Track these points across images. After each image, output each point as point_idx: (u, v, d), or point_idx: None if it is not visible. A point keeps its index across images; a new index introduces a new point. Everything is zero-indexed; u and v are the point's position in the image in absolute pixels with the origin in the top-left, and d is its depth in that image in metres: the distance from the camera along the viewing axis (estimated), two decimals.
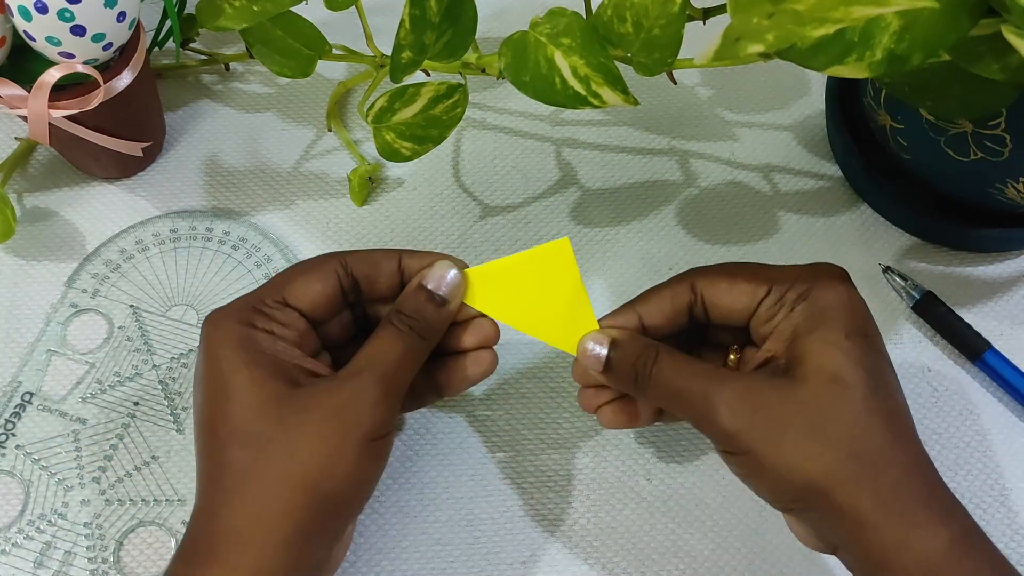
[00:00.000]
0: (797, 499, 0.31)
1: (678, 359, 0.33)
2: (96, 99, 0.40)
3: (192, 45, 0.49)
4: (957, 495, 0.40)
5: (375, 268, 0.35)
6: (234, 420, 0.31)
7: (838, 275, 0.33)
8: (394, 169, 0.48)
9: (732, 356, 0.36)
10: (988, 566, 0.30)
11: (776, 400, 0.30)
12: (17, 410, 0.41)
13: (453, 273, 0.34)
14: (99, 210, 0.46)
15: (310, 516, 0.30)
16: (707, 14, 0.36)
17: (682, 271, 0.35)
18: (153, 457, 0.41)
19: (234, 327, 0.32)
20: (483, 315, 0.36)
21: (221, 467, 0.31)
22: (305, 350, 0.34)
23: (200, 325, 0.43)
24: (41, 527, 0.39)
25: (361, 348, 0.33)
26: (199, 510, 0.32)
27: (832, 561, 0.39)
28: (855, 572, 0.31)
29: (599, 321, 0.35)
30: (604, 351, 0.34)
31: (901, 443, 0.30)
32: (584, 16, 0.36)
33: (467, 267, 0.35)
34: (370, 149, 0.48)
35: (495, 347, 0.36)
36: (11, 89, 0.39)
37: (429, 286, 0.34)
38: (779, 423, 0.30)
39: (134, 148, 0.44)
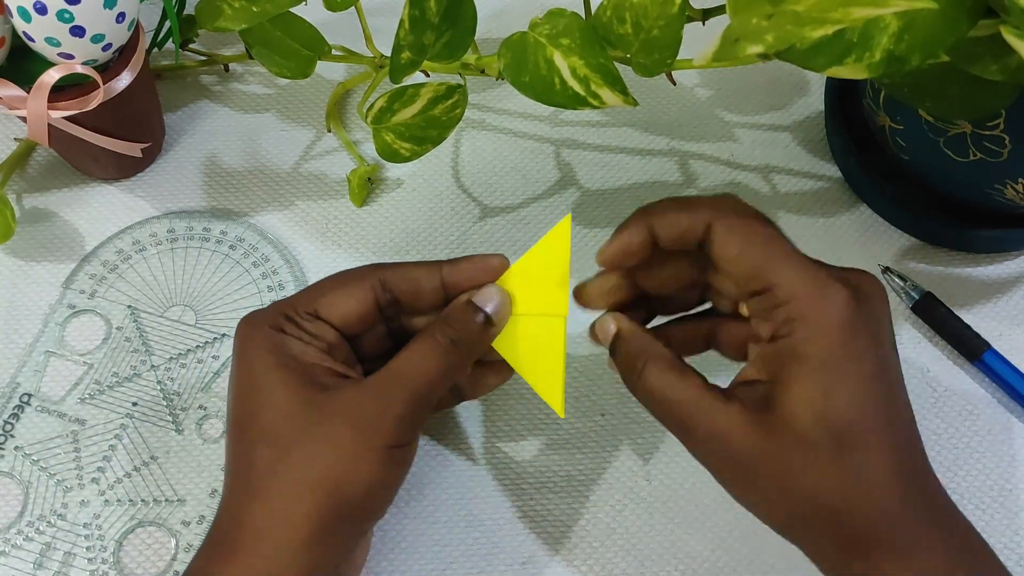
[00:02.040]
0: (777, 531, 0.32)
1: (664, 375, 0.32)
2: (95, 100, 0.40)
3: (191, 46, 0.49)
4: (957, 495, 0.40)
5: (416, 286, 0.35)
6: (262, 421, 0.32)
7: (834, 319, 0.30)
8: (393, 170, 0.48)
9: (743, 312, 0.34)
10: None
11: (747, 446, 0.30)
12: (16, 411, 0.41)
13: (504, 297, 0.34)
14: (98, 211, 0.46)
15: (329, 519, 0.31)
16: (706, 15, 0.36)
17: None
18: (152, 457, 0.41)
19: (266, 331, 0.33)
20: None
21: (248, 465, 0.31)
22: (336, 357, 0.34)
23: (197, 324, 0.44)
24: (40, 528, 0.39)
25: (397, 355, 0.33)
26: (224, 506, 0.32)
27: None
28: None
29: (615, 240, 0.33)
30: (611, 335, 0.34)
31: (877, 492, 0.30)
32: (583, 17, 0.36)
33: (508, 265, 0.35)
34: (369, 150, 0.48)
35: None
36: (10, 90, 0.39)
37: (479, 304, 0.34)
38: (748, 469, 0.31)
39: (133, 149, 0.44)
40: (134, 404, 0.42)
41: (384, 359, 0.34)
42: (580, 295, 0.36)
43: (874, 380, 0.30)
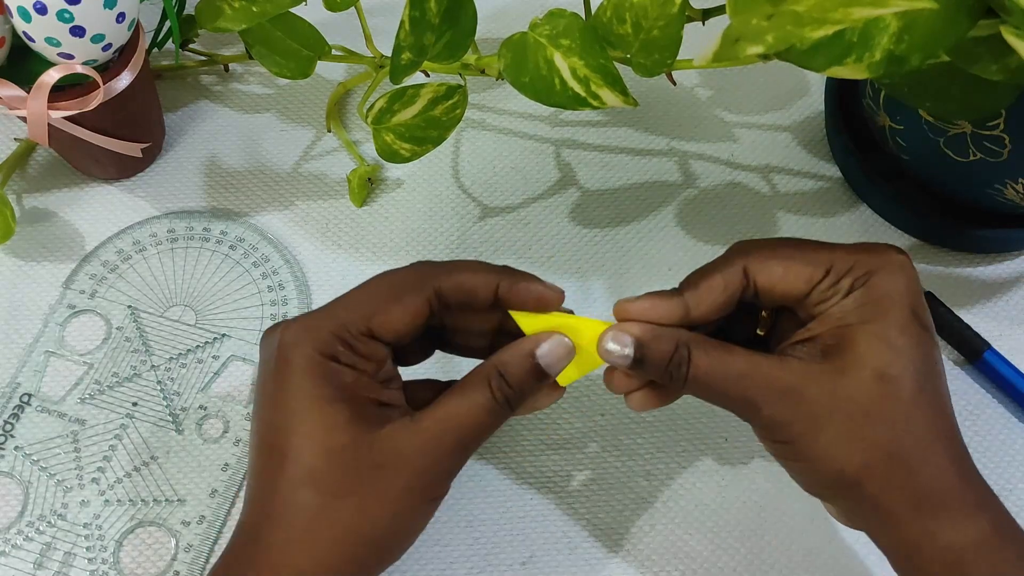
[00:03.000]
0: (829, 489, 0.31)
1: (712, 356, 0.31)
2: (95, 100, 0.40)
3: (191, 46, 0.49)
4: None
5: (471, 297, 0.33)
6: (307, 460, 0.30)
7: (899, 262, 0.32)
8: (393, 170, 0.48)
9: (764, 316, 0.35)
10: (1016, 559, 0.30)
11: (819, 393, 0.30)
12: (16, 411, 0.41)
13: (567, 344, 0.32)
14: (98, 211, 0.46)
15: (368, 564, 0.31)
16: (706, 15, 0.36)
17: (729, 248, 0.33)
18: (152, 457, 0.41)
19: (315, 356, 0.31)
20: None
21: (290, 504, 0.30)
22: (381, 379, 0.32)
23: (197, 324, 0.44)
24: (41, 528, 0.39)
25: (447, 398, 0.32)
26: (249, 538, 0.31)
27: (832, 561, 0.39)
28: (884, 553, 0.32)
29: (637, 303, 0.32)
30: (629, 351, 0.32)
31: (940, 442, 0.30)
32: (583, 17, 0.36)
33: (562, 297, 0.33)
34: (369, 150, 0.48)
35: None
36: (10, 90, 0.39)
37: (540, 360, 0.32)
38: (821, 416, 0.30)
39: (133, 149, 0.44)
40: (134, 404, 0.42)
41: (417, 354, 0.34)
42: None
43: (931, 333, 0.32)
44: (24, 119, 0.40)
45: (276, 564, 0.30)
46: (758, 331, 0.35)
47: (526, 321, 0.33)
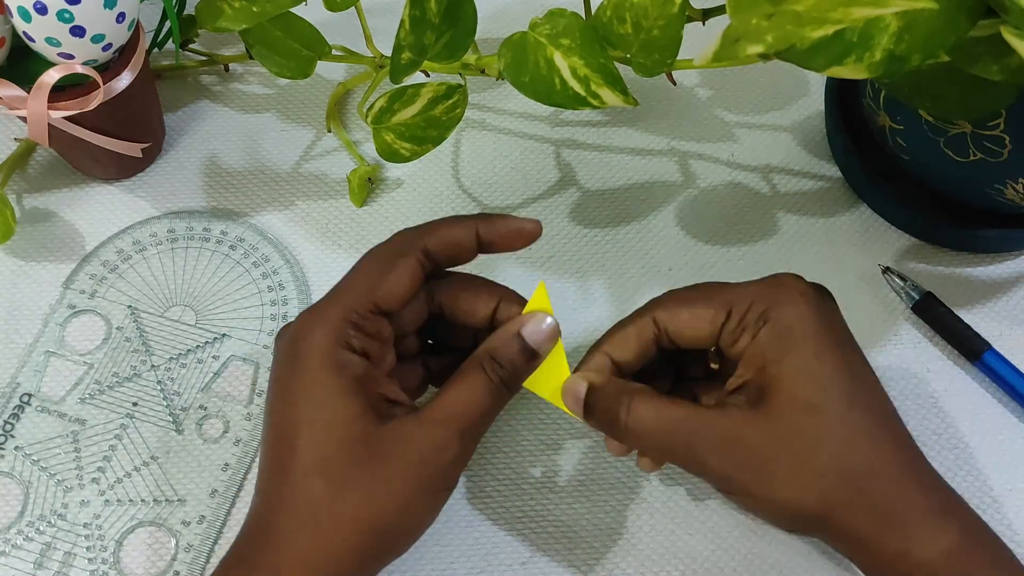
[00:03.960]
0: (799, 527, 0.32)
1: (652, 405, 0.32)
2: (95, 100, 0.40)
3: (192, 46, 0.49)
4: None
5: (456, 249, 0.34)
6: (320, 450, 0.31)
7: (796, 289, 0.32)
8: (393, 170, 0.48)
9: (713, 365, 0.36)
10: (990, 565, 0.30)
11: (759, 438, 0.31)
12: (16, 411, 0.41)
13: (549, 323, 0.34)
14: (98, 211, 0.46)
15: (374, 555, 0.32)
16: (706, 15, 0.36)
17: (647, 302, 0.35)
18: (152, 457, 0.41)
19: (328, 347, 0.32)
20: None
21: (299, 493, 0.31)
22: (388, 363, 0.34)
23: (197, 324, 0.44)
24: (41, 528, 0.39)
25: (447, 389, 0.33)
26: (259, 526, 0.32)
27: (833, 561, 0.39)
28: (864, 573, 0.32)
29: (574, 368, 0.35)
30: (582, 394, 0.33)
31: (888, 453, 0.31)
32: (584, 17, 0.36)
33: (539, 227, 0.35)
34: (369, 150, 0.48)
35: None
36: (10, 90, 0.39)
37: (531, 343, 0.34)
38: (767, 460, 0.31)
39: (133, 149, 0.44)
40: (134, 404, 0.42)
41: (415, 347, 0.36)
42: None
43: (850, 347, 0.32)
44: (24, 119, 0.40)
45: (283, 551, 0.31)
46: (711, 365, 0.36)
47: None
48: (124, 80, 0.41)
